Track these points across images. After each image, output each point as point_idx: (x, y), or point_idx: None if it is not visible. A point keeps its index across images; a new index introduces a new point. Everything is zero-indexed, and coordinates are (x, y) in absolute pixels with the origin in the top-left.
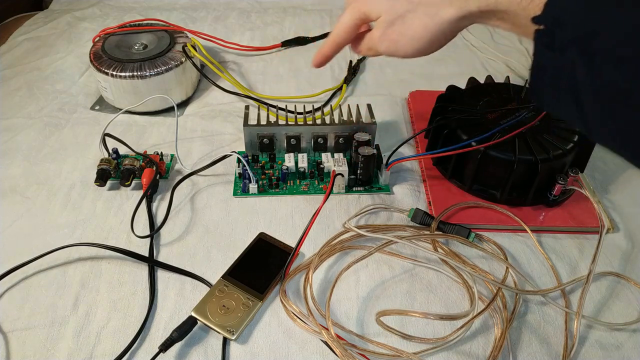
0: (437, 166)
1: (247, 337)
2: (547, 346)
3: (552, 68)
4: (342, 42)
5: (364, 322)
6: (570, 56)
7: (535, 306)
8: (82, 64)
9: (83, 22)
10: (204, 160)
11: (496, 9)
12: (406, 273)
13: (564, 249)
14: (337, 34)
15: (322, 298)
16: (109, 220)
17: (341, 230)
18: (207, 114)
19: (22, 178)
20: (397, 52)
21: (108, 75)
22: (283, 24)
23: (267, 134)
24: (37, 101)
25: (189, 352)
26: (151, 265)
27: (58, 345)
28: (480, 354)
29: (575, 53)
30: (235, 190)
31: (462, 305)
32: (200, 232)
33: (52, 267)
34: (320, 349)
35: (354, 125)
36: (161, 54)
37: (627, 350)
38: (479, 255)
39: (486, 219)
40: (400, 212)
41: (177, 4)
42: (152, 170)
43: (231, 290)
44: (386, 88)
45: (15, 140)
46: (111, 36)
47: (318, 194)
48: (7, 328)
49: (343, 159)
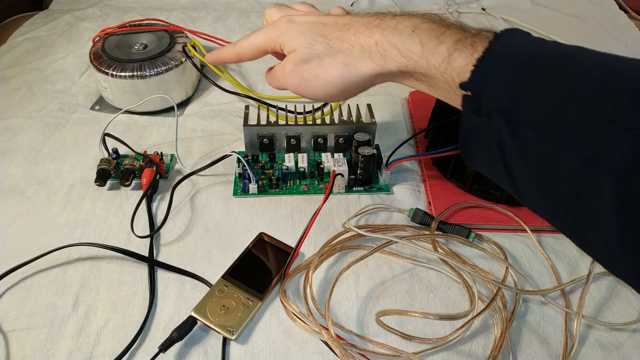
0: (437, 166)
1: (247, 337)
2: (547, 346)
3: (480, 132)
4: (244, 58)
5: (364, 322)
6: (496, 123)
7: (535, 306)
8: (82, 64)
9: (83, 22)
10: (204, 160)
11: (415, 70)
12: (406, 273)
13: (564, 249)
14: (241, 49)
15: (322, 298)
16: (108, 220)
17: (341, 230)
18: (207, 114)
19: (22, 178)
20: (306, 91)
21: (108, 75)
22: None
23: (267, 134)
24: (37, 101)
25: (189, 352)
26: (151, 265)
27: (58, 345)
28: (480, 354)
29: (500, 120)
30: (235, 190)
31: (462, 305)
32: (200, 232)
33: (52, 267)
34: (320, 349)
35: (354, 125)
36: (161, 54)
37: (627, 350)
38: (479, 255)
39: (486, 219)
40: (400, 212)
41: (177, 4)
42: (152, 170)
43: (231, 290)
44: (386, 88)
45: (15, 140)
46: (111, 36)
47: (318, 194)
48: (7, 328)
49: (343, 159)
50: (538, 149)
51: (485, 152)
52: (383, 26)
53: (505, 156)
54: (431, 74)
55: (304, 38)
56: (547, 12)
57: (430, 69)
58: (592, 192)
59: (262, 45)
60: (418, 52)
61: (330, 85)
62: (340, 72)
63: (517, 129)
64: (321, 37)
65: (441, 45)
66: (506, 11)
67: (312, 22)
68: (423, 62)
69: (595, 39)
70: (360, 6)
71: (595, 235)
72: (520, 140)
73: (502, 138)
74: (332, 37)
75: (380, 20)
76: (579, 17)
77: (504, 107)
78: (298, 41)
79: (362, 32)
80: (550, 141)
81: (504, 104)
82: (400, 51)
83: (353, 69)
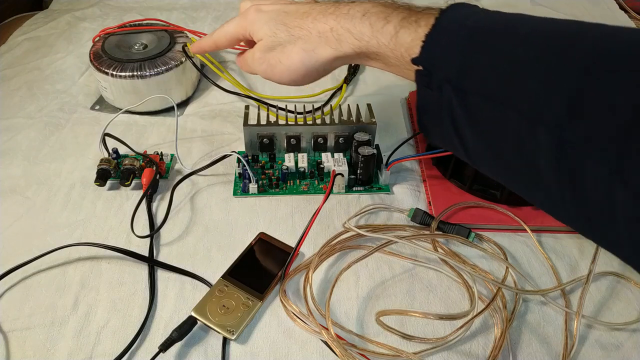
0: (437, 166)
1: (247, 337)
2: (547, 346)
3: (433, 105)
4: (221, 46)
5: (364, 322)
6: (447, 95)
7: (535, 306)
8: (82, 64)
9: (83, 22)
10: (204, 160)
11: (368, 50)
12: (406, 273)
13: (564, 249)
14: (218, 37)
15: (322, 298)
16: (108, 220)
17: (341, 230)
18: (207, 114)
19: (22, 178)
20: (272, 77)
21: (108, 75)
22: None
23: (267, 133)
24: (37, 101)
25: (189, 352)
26: (151, 265)
27: (58, 345)
28: (480, 353)
29: (450, 92)
30: (235, 190)
31: (462, 305)
32: (200, 232)
33: (52, 267)
34: (320, 348)
35: (354, 125)
36: (161, 54)
37: (627, 350)
38: (479, 255)
39: (486, 218)
40: (400, 212)
41: (177, 4)
42: (152, 170)
43: (231, 290)
44: (386, 88)
45: (16, 140)
46: (111, 36)
47: (318, 194)
48: (7, 328)
49: (343, 159)
50: (485, 115)
51: (440, 126)
52: (337, 13)
53: (458, 126)
54: (382, 52)
55: (268, 27)
56: (547, 12)
57: (381, 47)
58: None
59: (235, 34)
60: (368, 33)
61: (292, 70)
62: (300, 58)
63: (466, 98)
64: (283, 26)
65: (388, 24)
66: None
67: (276, 11)
68: (374, 42)
69: None
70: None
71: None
72: (470, 109)
73: (453, 109)
74: (293, 25)
75: (335, 7)
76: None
77: (452, 77)
78: (263, 30)
79: (319, 20)
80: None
81: (452, 75)
82: (353, 34)
83: (312, 54)
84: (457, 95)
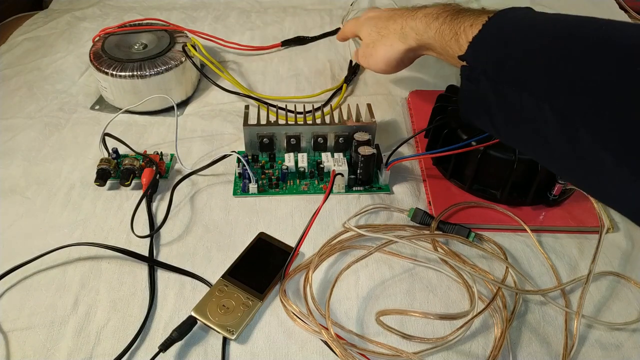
0: (437, 166)
1: (247, 337)
2: (547, 346)
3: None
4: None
5: (363, 322)
6: (482, 85)
7: (535, 306)
8: (82, 63)
9: (83, 22)
10: (203, 160)
11: (425, 43)
12: (406, 273)
13: (564, 249)
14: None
15: (322, 298)
16: (108, 220)
17: (341, 230)
18: (207, 114)
19: (22, 178)
20: (370, 66)
21: (108, 75)
22: (283, 24)
23: (267, 133)
24: (37, 101)
25: (189, 352)
26: (151, 265)
27: (58, 345)
28: (480, 353)
29: (486, 82)
30: (235, 190)
31: (462, 305)
32: (200, 232)
33: (52, 267)
34: (320, 348)
35: (354, 125)
36: (161, 54)
37: (627, 350)
38: (479, 255)
39: (486, 218)
40: (400, 211)
41: (177, 3)
42: (151, 170)
43: (231, 290)
44: (386, 87)
45: (16, 140)
46: (111, 36)
47: (318, 194)
48: (7, 328)
49: (343, 159)
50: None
51: (476, 111)
52: (407, 15)
53: (490, 111)
54: (438, 46)
55: (366, 30)
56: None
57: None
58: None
59: (351, 32)
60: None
61: (380, 61)
62: (384, 52)
63: (497, 86)
64: (375, 28)
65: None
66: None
67: (374, 17)
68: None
69: None
70: (360, 6)
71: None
72: (499, 94)
73: (487, 96)
74: (380, 27)
75: (409, 11)
76: None
77: (488, 71)
78: (364, 32)
79: (397, 21)
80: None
81: (489, 68)
82: (414, 30)
83: (390, 48)
84: (491, 85)
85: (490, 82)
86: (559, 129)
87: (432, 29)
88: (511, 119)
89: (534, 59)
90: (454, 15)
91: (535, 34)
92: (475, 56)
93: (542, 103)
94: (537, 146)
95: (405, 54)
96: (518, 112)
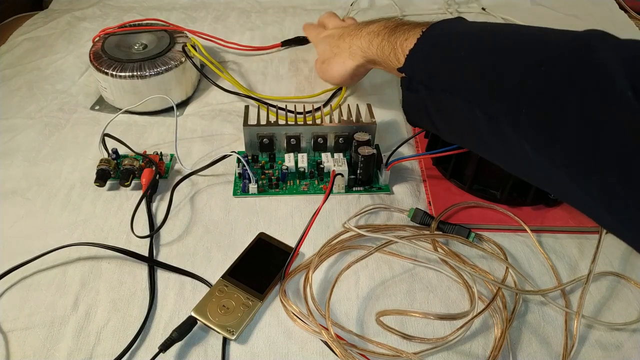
0: (437, 166)
1: (247, 337)
2: (547, 346)
3: (414, 102)
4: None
5: (364, 322)
6: (422, 94)
7: (535, 306)
8: (82, 64)
9: (83, 22)
10: (203, 160)
11: (372, 59)
12: (406, 273)
13: (564, 249)
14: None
15: (322, 298)
16: (108, 221)
17: (341, 230)
18: (207, 114)
19: (22, 179)
20: (327, 80)
21: (108, 75)
22: (283, 24)
23: (267, 133)
24: (37, 101)
25: (189, 352)
26: (151, 265)
27: (58, 345)
28: (480, 354)
29: (424, 91)
30: (235, 190)
31: (462, 305)
32: (200, 232)
33: (52, 267)
34: (320, 349)
35: (354, 125)
36: (161, 54)
37: (627, 350)
38: (479, 255)
39: (486, 219)
40: (400, 212)
41: (177, 3)
42: (151, 170)
43: (231, 290)
44: (386, 88)
45: (16, 140)
46: (111, 36)
47: (318, 194)
48: (7, 328)
49: (343, 159)
50: (444, 104)
51: (419, 116)
52: (354, 34)
53: (430, 115)
54: (382, 61)
55: (321, 47)
56: (547, 12)
57: (380, 57)
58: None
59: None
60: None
61: (334, 76)
62: (337, 68)
63: (433, 94)
64: (328, 46)
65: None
66: (506, 11)
67: (327, 35)
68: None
69: None
70: (360, 6)
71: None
72: (435, 101)
73: (426, 103)
74: (333, 45)
75: (356, 29)
76: (579, 17)
77: (424, 80)
78: (319, 49)
79: (345, 39)
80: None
81: (425, 78)
82: (360, 48)
83: (343, 65)
84: (428, 92)
85: (427, 90)
86: (488, 128)
87: (374, 46)
88: (449, 122)
89: (461, 67)
90: (391, 32)
91: (462, 45)
92: (412, 68)
93: (472, 106)
94: (476, 144)
95: (356, 69)
96: (454, 115)
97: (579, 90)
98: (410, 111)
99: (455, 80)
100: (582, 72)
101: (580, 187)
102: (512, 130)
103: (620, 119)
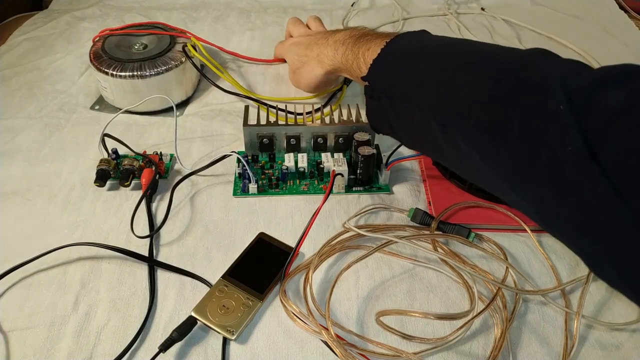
0: (437, 166)
1: (247, 337)
2: (547, 346)
3: (377, 110)
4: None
5: (364, 322)
6: (384, 102)
7: (535, 306)
8: (82, 63)
9: (83, 22)
10: (203, 160)
11: (339, 67)
12: (406, 273)
13: (564, 249)
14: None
15: (322, 298)
16: (108, 221)
17: (341, 230)
18: (207, 114)
19: (22, 180)
20: (299, 88)
21: (108, 75)
22: (283, 24)
23: (266, 134)
24: (37, 101)
25: (189, 352)
26: (151, 265)
27: (58, 345)
28: (480, 354)
29: (386, 100)
30: (235, 190)
31: (462, 305)
32: (200, 232)
33: (52, 267)
34: (320, 349)
35: (354, 125)
36: (161, 54)
37: (627, 350)
38: (479, 255)
39: (486, 219)
40: (400, 212)
41: (177, 3)
42: (151, 170)
43: (231, 290)
44: None
45: (16, 140)
46: (111, 36)
47: (318, 194)
48: (7, 328)
49: (343, 159)
50: (404, 113)
51: (381, 123)
52: (321, 42)
53: (391, 123)
54: (347, 70)
55: (290, 56)
56: (547, 12)
57: (346, 66)
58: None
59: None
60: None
61: (305, 84)
62: (307, 77)
63: (394, 103)
64: (297, 55)
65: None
66: (506, 11)
67: (295, 43)
68: (336, 61)
69: (595, 38)
70: (361, 6)
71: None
72: (395, 110)
73: (388, 111)
74: (301, 54)
75: (324, 37)
76: (579, 17)
77: (386, 89)
78: (288, 58)
79: (313, 48)
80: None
81: (386, 88)
82: (327, 56)
83: (312, 73)
84: (389, 101)
85: (388, 99)
86: (443, 137)
87: (339, 54)
88: (409, 130)
89: (419, 80)
90: (355, 41)
91: (420, 59)
92: (374, 77)
93: (428, 117)
94: (433, 151)
95: (325, 77)
96: (413, 124)
97: (520, 106)
98: (374, 119)
99: (413, 91)
100: (523, 89)
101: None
102: (462, 140)
103: (554, 133)
